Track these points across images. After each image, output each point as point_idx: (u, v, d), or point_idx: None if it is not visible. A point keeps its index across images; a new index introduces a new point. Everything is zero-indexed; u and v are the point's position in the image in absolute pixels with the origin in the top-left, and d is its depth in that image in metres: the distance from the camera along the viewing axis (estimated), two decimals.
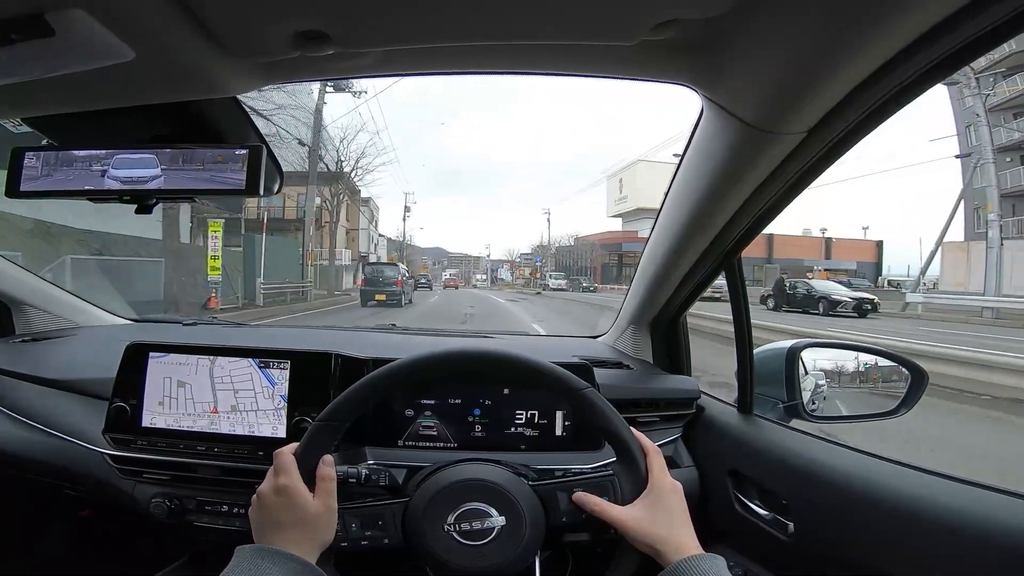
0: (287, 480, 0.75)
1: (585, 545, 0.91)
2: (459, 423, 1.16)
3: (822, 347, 1.31)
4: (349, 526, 0.82)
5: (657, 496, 0.80)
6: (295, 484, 0.75)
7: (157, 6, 0.56)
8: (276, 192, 0.93)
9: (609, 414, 0.82)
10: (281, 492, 0.75)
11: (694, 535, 0.78)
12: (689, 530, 0.78)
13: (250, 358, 1.14)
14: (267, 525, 0.75)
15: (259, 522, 0.76)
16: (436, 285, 51.24)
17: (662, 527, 0.78)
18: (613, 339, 1.62)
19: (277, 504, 0.75)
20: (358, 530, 0.84)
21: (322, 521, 0.76)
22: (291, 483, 0.75)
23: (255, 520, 0.77)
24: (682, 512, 0.80)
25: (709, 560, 0.73)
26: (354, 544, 0.83)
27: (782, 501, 1.00)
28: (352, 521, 0.83)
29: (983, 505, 0.75)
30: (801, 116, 0.72)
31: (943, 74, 0.61)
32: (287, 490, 0.75)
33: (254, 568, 0.68)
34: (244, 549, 0.72)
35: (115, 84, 0.71)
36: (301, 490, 0.75)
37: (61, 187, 0.84)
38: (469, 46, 0.68)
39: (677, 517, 0.79)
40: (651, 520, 0.78)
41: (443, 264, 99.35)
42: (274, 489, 0.76)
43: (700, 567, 0.72)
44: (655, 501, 0.79)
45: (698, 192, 0.98)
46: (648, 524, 0.78)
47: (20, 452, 1.24)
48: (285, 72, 0.74)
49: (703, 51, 0.67)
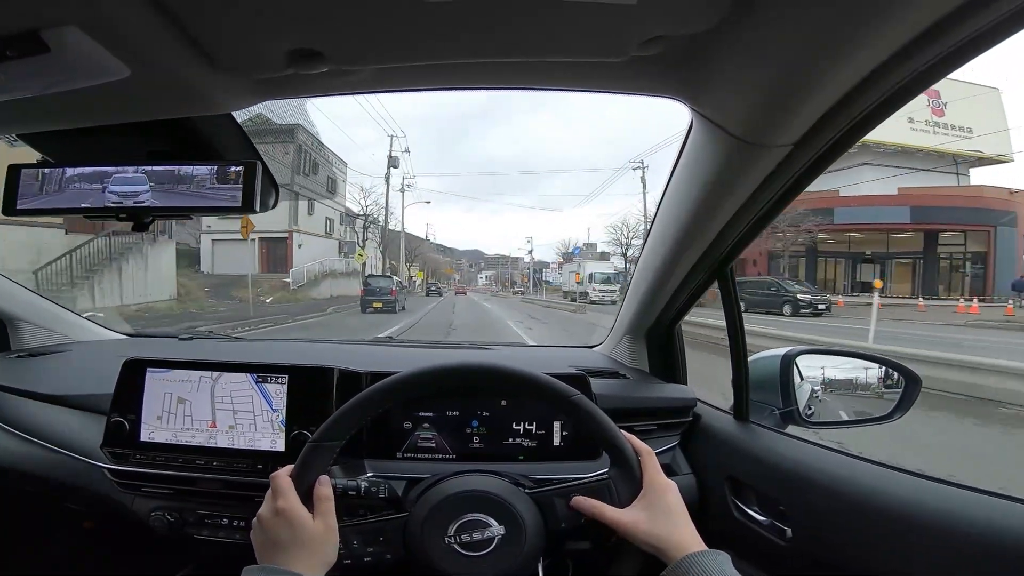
0: (285, 503, 0.76)
1: (586, 552, 0.91)
2: (457, 434, 1.16)
3: (816, 354, 1.32)
4: (351, 543, 0.82)
5: (654, 496, 0.80)
6: (293, 506, 0.76)
7: (151, 24, 0.56)
8: (272, 207, 0.94)
9: (600, 419, 0.83)
10: (280, 514, 0.75)
11: (695, 532, 0.78)
12: (689, 527, 0.79)
13: (247, 373, 1.14)
14: (270, 547, 0.75)
15: (262, 544, 0.76)
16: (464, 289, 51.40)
17: (661, 526, 0.78)
18: (609, 349, 1.63)
19: (277, 526, 0.75)
20: (360, 546, 0.83)
21: (323, 541, 0.76)
22: (289, 505, 0.75)
23: (257, 543, 0.77)
24: (680, 510, 0.80)
25: (712, 556, 0.73)
26: (357, 561, 0.83)
27: (779, 507, 1.00)
28: (354, 538, 0.83)
29: (979, 509, 0.75)
30: (788, 129, 0.73)
31: (925, 84, 0.63)
32: (286, 512, 0.75)
33: None
34: (251, 570, 0.71)
35: (110, 101, 0.72)
36: (300, 512, 0.76)
37: (57, 204, 0.85)
38: (461, 63, 0.69)
39: (676, 515, 0.79)
40: (650, 520, 0.78)
41: (479, 266, 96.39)
42: (273, 512, 0.76)
43: (702, 563, 0.72)
44: (652, 501, 0.80)
45: (689, 203, 0.99)
46: (647, 524, 0.78)
47: (20, 466, 1.24)
48: (279, 89, 0.75)
49: (690, 66, 0.68)
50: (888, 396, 1.23)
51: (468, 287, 68.85)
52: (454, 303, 30.05)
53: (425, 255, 50.77)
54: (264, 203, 0.86)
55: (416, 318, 16.43)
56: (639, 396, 1.32)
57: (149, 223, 0.87)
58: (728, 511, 1.10)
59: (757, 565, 1.04)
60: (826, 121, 0.70)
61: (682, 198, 1.01)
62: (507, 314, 20.26)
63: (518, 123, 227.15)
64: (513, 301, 35.99)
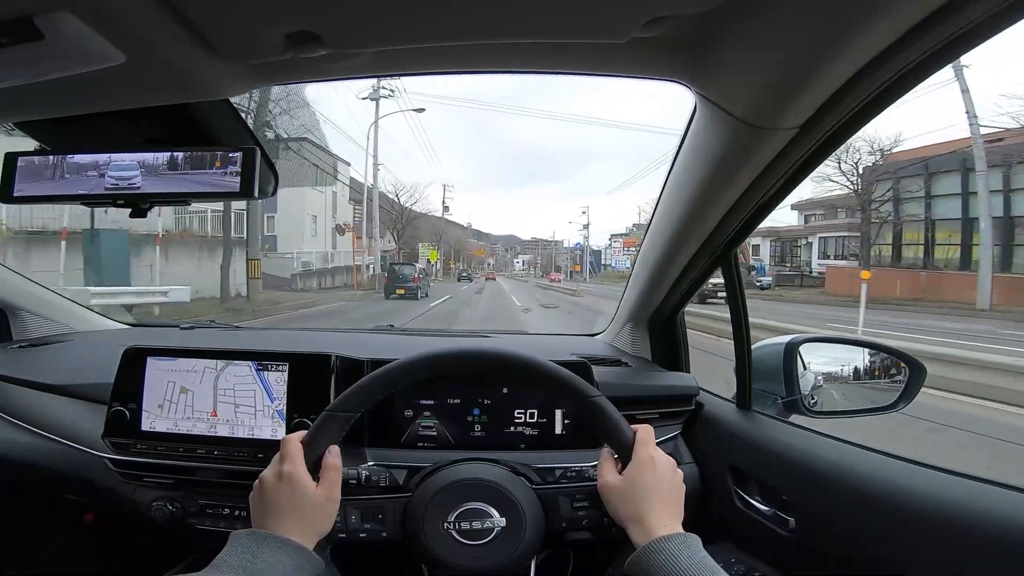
0: (291, 468, 0.75)
1: (587, 543, 0.91)
2: (459, 423, 1.16)
3: (820, 342, 1.31)
4: (349, 518, 0.83)
5: (633, 470, 0.76)
6: (299, 472, 0.75)
7: (146, 9, 0.56)
8: (271, 194, 0.93)
9: (617, 422, 0.81)
10: (284, 479, 0.74)
11: (672, 514, 0.74)
12: (666, 508, 0.74)
13: (248, 360, 1.14)
14: (266, 511, 0.74)
15: (259, 507, 0.75)
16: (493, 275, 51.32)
17: (630, 503, 0.74)
18: (611, 336, 1.62)
19: (278, 490, 0.74)
20: (357, 522, 0.84)
21: (323, 511, 0.75)
22: (295, 470, 0.75)
23: (255, 505, 0.76)
24: (660, 489, 0.75)
25: (679, 540, 0.69)
26: (352, 536, 0.83)
27: (782, 497, 1.00)
28: (352, 513, 0.83)
29: (983, 499, 0.75)
30: (793, 111, 0.72)
31: (935, 67, 0.62)
32: (290, 477, 0.74)
33: (249, 553, 0.67)
34: (240, 534, 0.71)
35: (106, 88, 0.71)
36: (304, 478, 0.75)
37: (55, 192, 0.84)
38: (462, 45, 0.68)
39: (651, 493, 0.75)
40: (622, 494, 0.75)
41: (516, 250, 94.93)
42: (277, 475, 0.75)
43: (668, 549, 0.67)
44: (631, 476, 0.76)
45: (693, 188, 0.98)
46: (617, 497, 0.75)
47: (22, 457, 1.24)
48: (277, 74, 0.74)
49: (694, 47, 0.67)
50: (892, 385, 1.22)
51: (502, 272, 67.64)
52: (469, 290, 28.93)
53: (451, 235, 48.84)
54: (263, 189, 0.85)
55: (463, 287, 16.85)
56: (641, 384, 1.32)
57: (147, 209, 0.87)
58: (730, 501, 1.10)
59: (760, 556, 1.04)
60: (833, 103, 0.69)
61: (686, 183, 1.00)
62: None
63: (555, 108, 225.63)
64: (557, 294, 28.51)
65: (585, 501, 0.89)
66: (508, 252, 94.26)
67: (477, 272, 56.96)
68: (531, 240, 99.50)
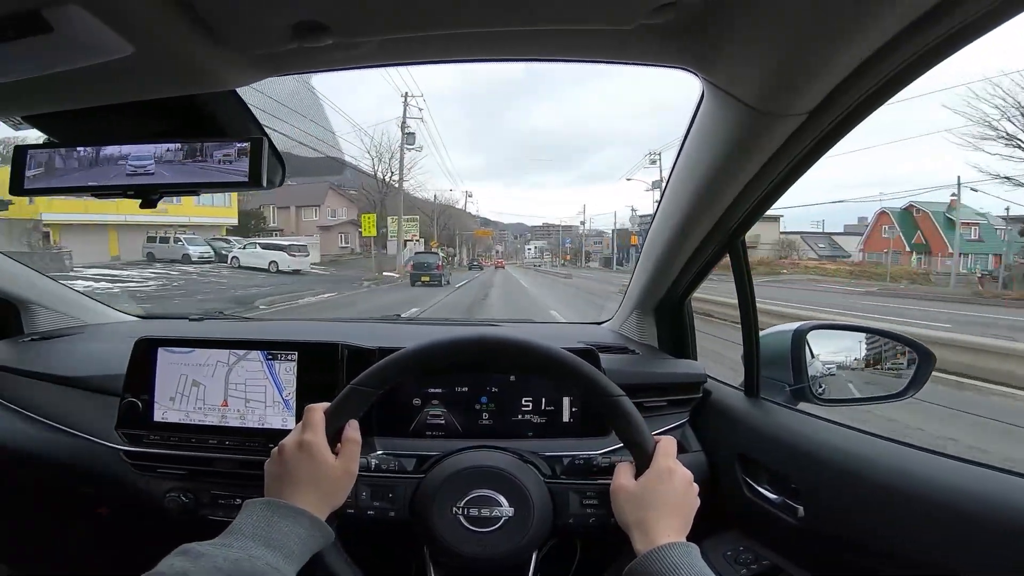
0: (312, 437, 0.75)
1: (595, 536, 0.92)
2: (467, 411, 1.16)
3: (828, 329, 1.31)
4: (359, 494, 0.84)
5: (648, 480, 0.76)
6: (319, 442, 0.75)
7: (154, 0, 0.56)
8: (279, 184, 0.93)
9: (637, 423, 0.80)
10: (304, 448, 0.75)
11: (678, 527, 0.74)
12: (672, 519, 0.74)
13: (258, 350, 1.15)
14: (282, 479, 0.74)
15: (275, 475, 0.75)
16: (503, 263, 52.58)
17: (638, 508, 0.74)
18: (618, 324, 1.62)
19: (297, 459, 0.74)
20: (367, 499, 0.85)
21: (339, 484, 0.76)
22: (316, 440, 0.75)
23: (271, 472, 0.76)
24: (672, 501, 0.75)
25: (680, 549, 0.69)
26: (361, 512, 0.84)
27: (791, 485, 1.00)
28: (363, 490, 0.84)
29: (993, 486, 0.75)
30: (802, 97, 0.71)
31: (946, 53, 0.61)
32: (310, 447, 0.74)
33: (263, 521, 0.68)
34: (254, 502, 0.71)
35: (114, 80, 0.71)
36: (324, 449, 0.75)
37: (65, 183, 0.85)
38: (468, 33, 0.68)
39: (661, 502, 0.74)
40: (632, 498, 0.75)
41: (525, 238, 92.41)
42: (298, 444, 0.75)
43: (669, 557, 0.67)
44: (646, 484, 0.76)
45: (700, 175, 0.98)
46: (627, 501, 0.75)
47: (37, 450, 1.26)
48: (284, 64, 0.74)
49: (702, 34, 0.66)
50: (902, 373, 1.22)
51: (512, 260, 67.02)
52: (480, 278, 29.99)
53: (452, 217, 47.57)
54: (271, 179, 0.86)
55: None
56: (648, 371, 1.32)
57: (157, 200, 0.88)
58: (739, 489, 1.10)
59: (768, 544, 1.04)
60: (844, 89, 0.68)
61: (693, 170, 0.99)
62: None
63: (562, 96, 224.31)
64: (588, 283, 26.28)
65: (595, 499, 0.89)
66: (517, 239, 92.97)
67: (486, 260, 56.66)
68: (540, 226, 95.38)
